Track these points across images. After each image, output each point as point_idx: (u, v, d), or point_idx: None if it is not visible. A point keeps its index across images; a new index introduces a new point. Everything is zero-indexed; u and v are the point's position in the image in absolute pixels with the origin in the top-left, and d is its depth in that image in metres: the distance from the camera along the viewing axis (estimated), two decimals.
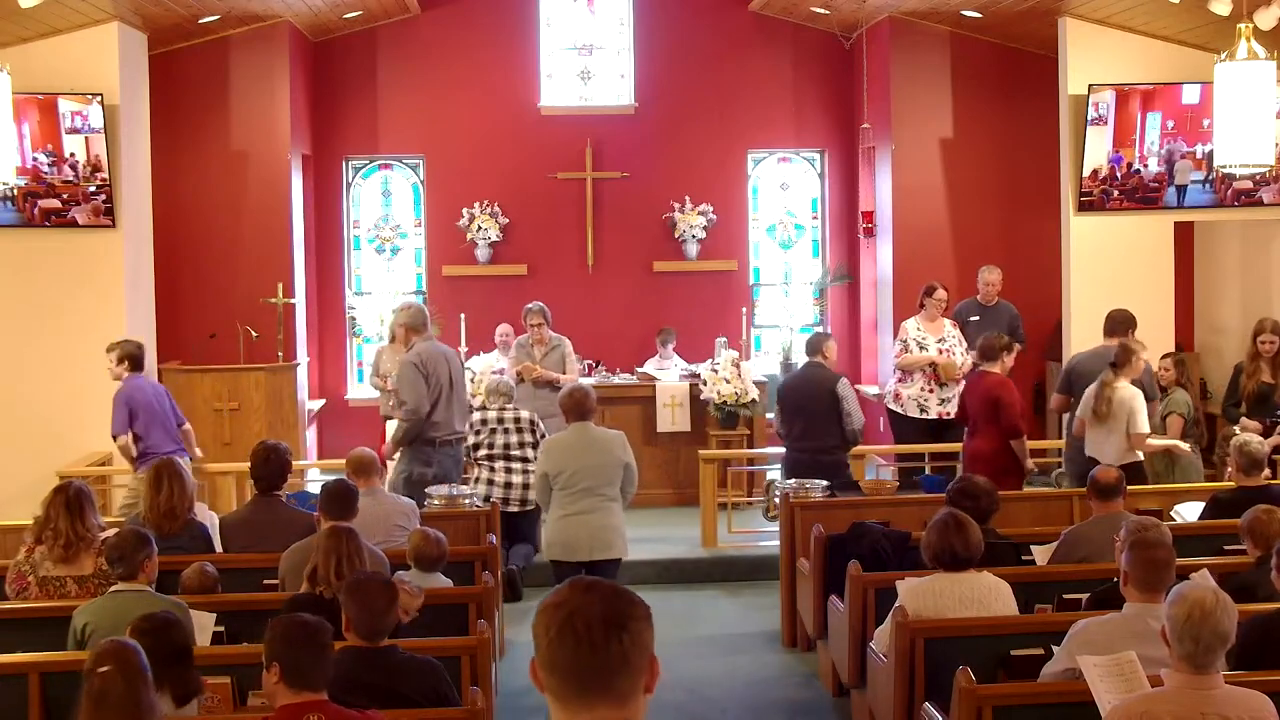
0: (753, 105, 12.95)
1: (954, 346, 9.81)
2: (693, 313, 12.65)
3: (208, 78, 11.68)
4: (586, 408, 7.04)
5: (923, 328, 9.84)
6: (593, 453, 6.99)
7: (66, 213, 9.91)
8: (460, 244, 12.73)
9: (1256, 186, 10.24)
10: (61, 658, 4.83)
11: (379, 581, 4.47)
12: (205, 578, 5.71)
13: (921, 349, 9.72)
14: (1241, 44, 7.83)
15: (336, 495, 5.97)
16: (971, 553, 5.25)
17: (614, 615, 2.13)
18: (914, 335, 9.80)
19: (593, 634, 2.11)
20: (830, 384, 8.33)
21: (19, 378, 9.95)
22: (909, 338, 9.82)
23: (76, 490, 5.76)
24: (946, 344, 9.78)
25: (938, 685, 4.94)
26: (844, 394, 8.29)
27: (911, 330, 9.84)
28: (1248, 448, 6.79)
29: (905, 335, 9.86)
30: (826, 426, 8.33)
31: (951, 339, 9.84)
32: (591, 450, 7.00)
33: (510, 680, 7.10)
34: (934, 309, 9.85)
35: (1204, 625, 3.56)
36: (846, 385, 8.41)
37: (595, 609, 2.14)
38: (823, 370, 8.46)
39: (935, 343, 9.75)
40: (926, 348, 9.72)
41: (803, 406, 8.38)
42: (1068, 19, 10.37)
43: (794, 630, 7.68)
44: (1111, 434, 7.96)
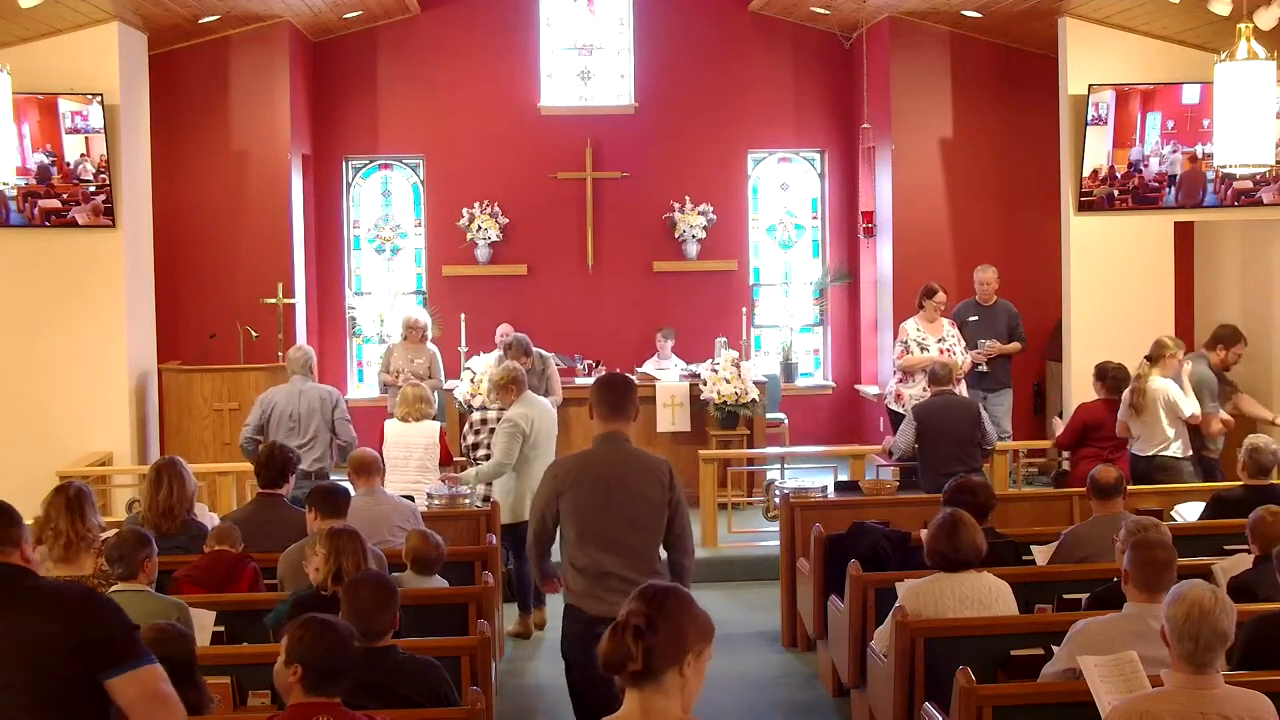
0: (753, 105, 12.95)
1: (954, 347, 9.80)
2: (693, 313, 12.65)
3: (208, 78, 11.68)
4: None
5: (922, 329, 9.84)
6: None
7: (66, 213, 9.91)
8: (460, 244, 12.73)
9: (1256, 186, 10.23)
10: None
11: (372, 583, 4.46)
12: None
13: (922, 350, 9.72)
14: (1241, 44, 7.83)
15: (329, 495, 5.98)
16: (972, 553, 5.25)
17: None
18: (914, 336, 9.80)
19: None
20: (973, 410, 8.44)
21: (19, 378, 9.94)
22: (909, 339, 9.81)
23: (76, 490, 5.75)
24: (946, 344, 9.77)
25: (938, 685, 4.94)
26: (983, 418, 8.43)
27: (911, 331, 9.83)
28: (1257, 452, 6.81)
29: (905, 336, 9.85)
30: (967, 449, 8.27)
31: (951, 339, 9.84)
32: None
33: (510, 680, 7.12)
34: (933, 310, 9.85)
35: (1203, 624, 3.56)
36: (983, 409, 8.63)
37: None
38: (960, 398, 8.65)
39: (935, 343, 9.75)
40: (927, 349, 9.71)
41: (949, 434, 8.24)
42: (1068, 19, 10.37)
43: (794, 630, 7.69)
44: (1147, 425, 8.19)
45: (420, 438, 8.54)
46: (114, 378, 10.05)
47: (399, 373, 10.12)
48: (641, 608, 2.73)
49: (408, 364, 10.21)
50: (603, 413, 5.19)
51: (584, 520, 5.03)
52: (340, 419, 8.60)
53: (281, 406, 8.46)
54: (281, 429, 8.38)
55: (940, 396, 8.37)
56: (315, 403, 8.50)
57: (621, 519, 5.01)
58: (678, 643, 2.71)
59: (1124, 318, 10.36)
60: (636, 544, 5.03)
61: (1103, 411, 8.40)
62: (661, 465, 5.18)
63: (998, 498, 6.30)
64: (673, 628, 2.71)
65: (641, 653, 2.68)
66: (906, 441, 8.29)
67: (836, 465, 10.11)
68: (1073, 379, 10.36)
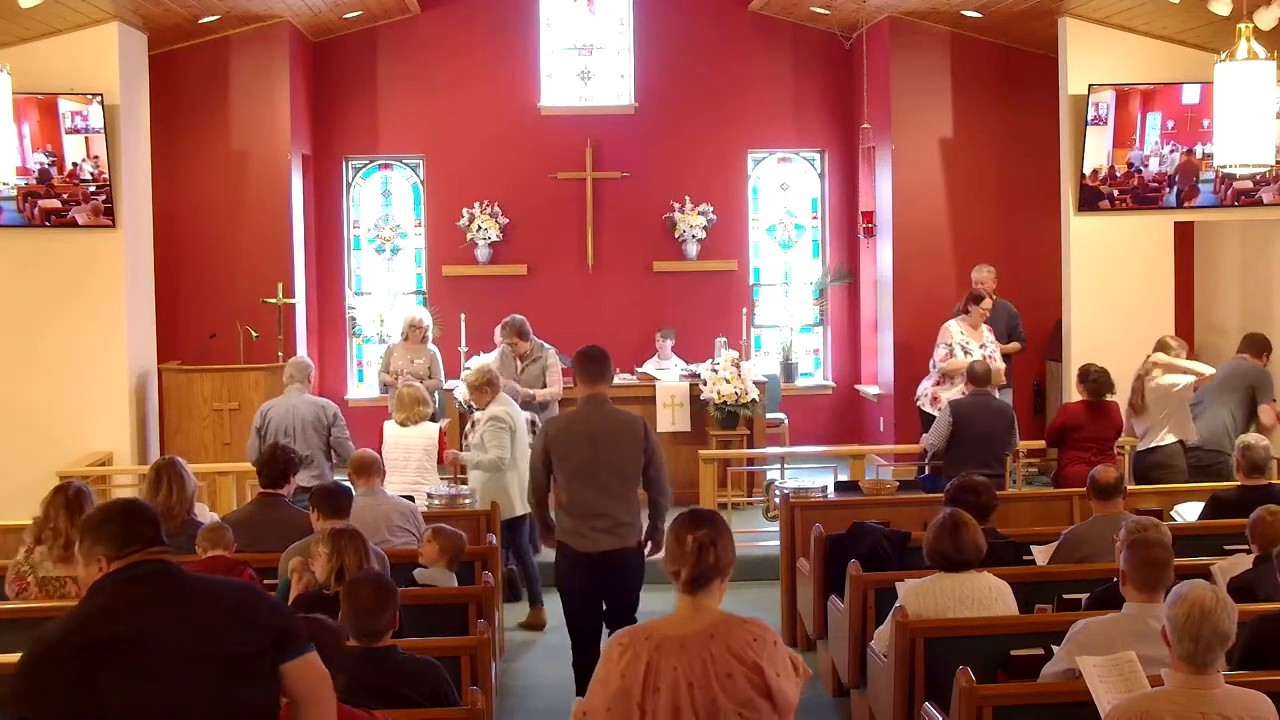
0: (753, 105, 12.96)
1: (994, 353, 9.75)
2: (693, 313, 12.65)
3: (208, 78, 11.68)
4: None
5: (966, 332, 9.74)
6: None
7: (66, 213, 9.91)
8: (460, 244, 12.73)
9: (1256, 186, 10.24)
10: None
11: (372, 582, 4.46)
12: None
13: (965, 353, 9.64)
14: (1241, 44, 7.83)
15: (331, 495, 5.99)
16: (972, 553, 5.25)
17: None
18: (958, 339, 9.70)
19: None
20: (1008, 414, 8.56)
21: (19, 378, 9.94)
22: (953, 341, 9.69)
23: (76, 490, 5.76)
24: (987, 350, 9.71)
25: (938, 685, 4.94)
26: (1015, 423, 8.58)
27: (955, 334, 9.71)
28: (1252, 451, 6.81)
29: (949, 339, 9.71)
30: (998, 453, 8.37)
31: (991, 345, 9.76)
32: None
33: (510, 680, 7.11)
34: (978, 316, 9.75)
35: (1203, 625, 3.56)
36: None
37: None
38: (999, 401, 8.68)
39: (978, 348, 9.67)
40: (970, 352, 9.63)
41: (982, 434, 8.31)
42: (1068, 19, 10.37)
43: (794, 630, 7.68)
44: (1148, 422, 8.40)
45: (419, 439, 8.55)
46: (114, 378, 10.05)
47: (399, 373, 10.11)
48: (706, 529, 3.53)
49: (408, 364, 10.20)
50: (585, 379, 6.07)
51: (573, 469, 5.96)
52: (339, 439, 8.41)
53: (278, 421, 8.40)
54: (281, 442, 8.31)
55: (978, 396, 8.38)
56: (310, 416, 8.37)
57: (605, 467, 5.94)
58: (726, 558, 3.56)
59: (1124, 318, 10.37)
60: (618, 489, 5.96)
61: (1082, 413, 8.41)
62: (638, 421, 6.09)
63: (998, 498, 6.30)
64: (725, 544, 3.56)
65: (724, 551, 3.54)
66: (940, 437, 8.33)
67: (836, 465, 10.11)
68: (1072, 379, 10.33)
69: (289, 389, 8.58)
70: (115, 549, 3.17)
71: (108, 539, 3.18)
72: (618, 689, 3.44)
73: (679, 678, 3.40)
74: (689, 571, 3.50)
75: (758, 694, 3.42)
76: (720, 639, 3.44)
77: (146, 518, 3.26)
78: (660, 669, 3.41)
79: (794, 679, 3.52)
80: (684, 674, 3.40)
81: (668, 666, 3.41)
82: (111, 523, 3.21)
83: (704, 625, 3.47)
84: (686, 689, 3.39)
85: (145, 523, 3.24)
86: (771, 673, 3.45)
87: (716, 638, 3.44)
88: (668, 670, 3.40)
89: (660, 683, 3.40)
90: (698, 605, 3.51)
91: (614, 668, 3.46)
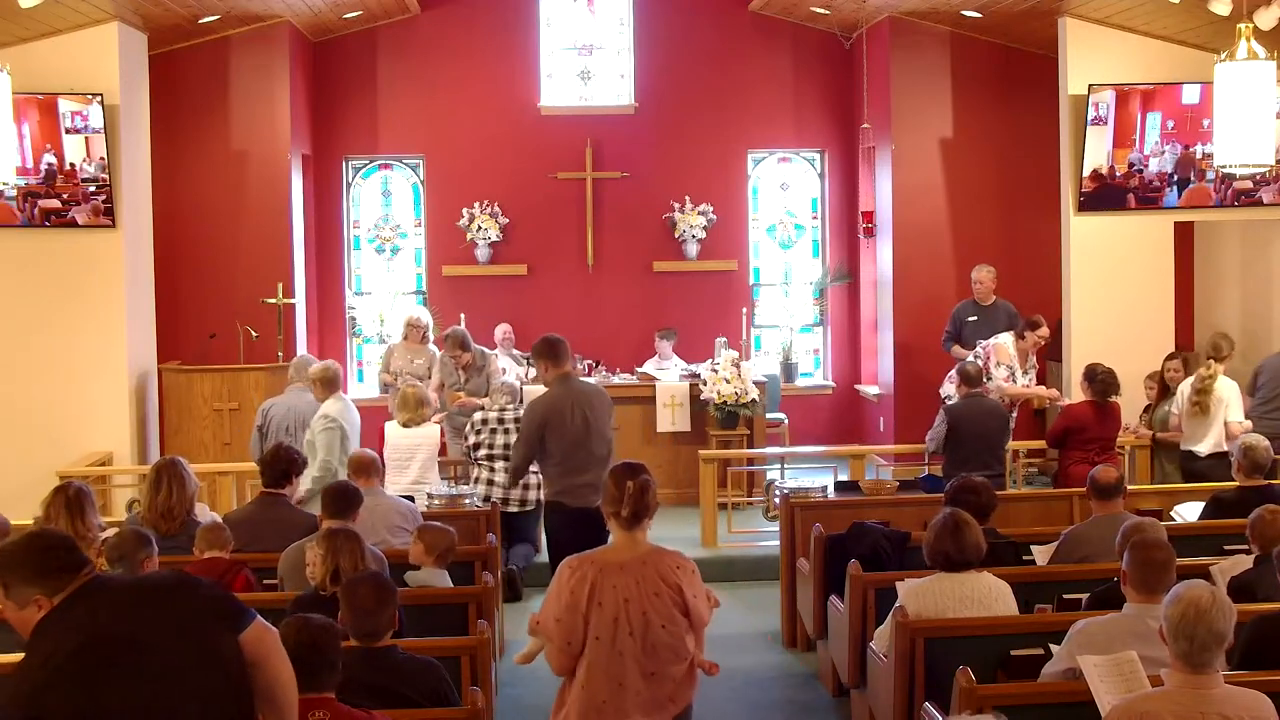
0: (753, 105, 12.95)
1: (1032, 381, 9.73)
2: (693, 313, 12.65)
3: (208, 78, 11.68)
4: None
5: (1016, 356, 9.60)
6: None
7: (66, 213, 9.91)
8: (460, 244, 12.73)
9: (1256, 186, 10.24)
10: None
11: (370, 582, 4.46)
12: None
13: (1013, 379, 9.53)
14: (1241, 44, 7.83)
15: (338, 495, 5.98)
16: (972, 554, 5.25)
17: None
18: (1015, 363, 9.55)
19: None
20: (1004, 414, 8.59)
21: (19, 378, 9.94)
22: (1014, 364, 9.54)
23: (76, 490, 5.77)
24: (1028, 378, 9.69)
25: (938, 685, 4.94)
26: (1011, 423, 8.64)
27: (1014, 357, 9.53)
28: (1253, 452, 6.80)
29: (1010, 360, 9.52)
30: (997, 453, 8.39)
31: (1032, 371, 9.70)
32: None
33: (510, 680, 7.11)
34: (1031, 344, 9.56)
35: (1199, 624, 3.56)
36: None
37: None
38: (992, 402, 8.66)
39: (1023, 377, 9.62)
40: (1016, 379, 9.55)
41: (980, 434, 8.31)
42: (1068, 19, 10.37)
43: (794, 630, 7.68)
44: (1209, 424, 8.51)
45: (422, 439, 8.55)
46: (114, 378, 10.05)
47: (399, 373, 10.12)
48: (643, 476, 4.32)
49: (408, 364, 10.21)
50: (554, 363, 6.91)
51: (566, 437, 6.78)
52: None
53: (278, 419, 8.39)
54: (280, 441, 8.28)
55: (972, 398, 8.39)
56: (309, 416, 8.30)
57: (594, 434, 6.84)
58: (655, 501, 4.35)
59: (1124, 318, 10.38)
60: (603, 452, 6.83)
61: (1088, 414, 8.41)
62: (604, 391, 7.19)
63: (998, 498, 6.30)
64: (654, 490, 4.36)
65: (650, 497, 4.30)
66: (937, 442, 8.35)
67: (836, 465, 10.10)
68: (1073, 379, 10.34)
69: (290, 388, 8.58)
70: (50, 586, 3.12)
71: (40, 578, 3.12)
72: (567, 603, 4.19)
73: (618, 595, 4.19)
74: (629, 510, 4.27)
75: (678, 610, 4.25)
76: (651, 565, 4.25)
77: (65, 544, 3.24)
78: (603, 587, 4.19)
79: (706, 602, 4.37)
80: (621, 592, 4.19)
81: (609, 586, 4.19)
82: (36, 560, 3.15)
83: (639, 554, 4.27)
84: (624, 604, 4.19)
85: (65, 550, 3.21)
86: (690, 594, 4.28)
87: (648, 564, 4.25)
88: (609, 589, 4.19)
89: (603, 598, 4.18)
90: (633, 539, 4.30)
91: (565, 585, 4.22)
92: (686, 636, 4.30)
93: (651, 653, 4.22)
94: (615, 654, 4.19)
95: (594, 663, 4.19)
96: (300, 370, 8.65)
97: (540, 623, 4.28)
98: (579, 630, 4.18)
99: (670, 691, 4.30)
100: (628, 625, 4.18)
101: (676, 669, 4.30)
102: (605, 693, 4.20)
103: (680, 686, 4.34)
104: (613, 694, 4.20)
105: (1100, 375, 8.41)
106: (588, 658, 4.20)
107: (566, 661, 4.23)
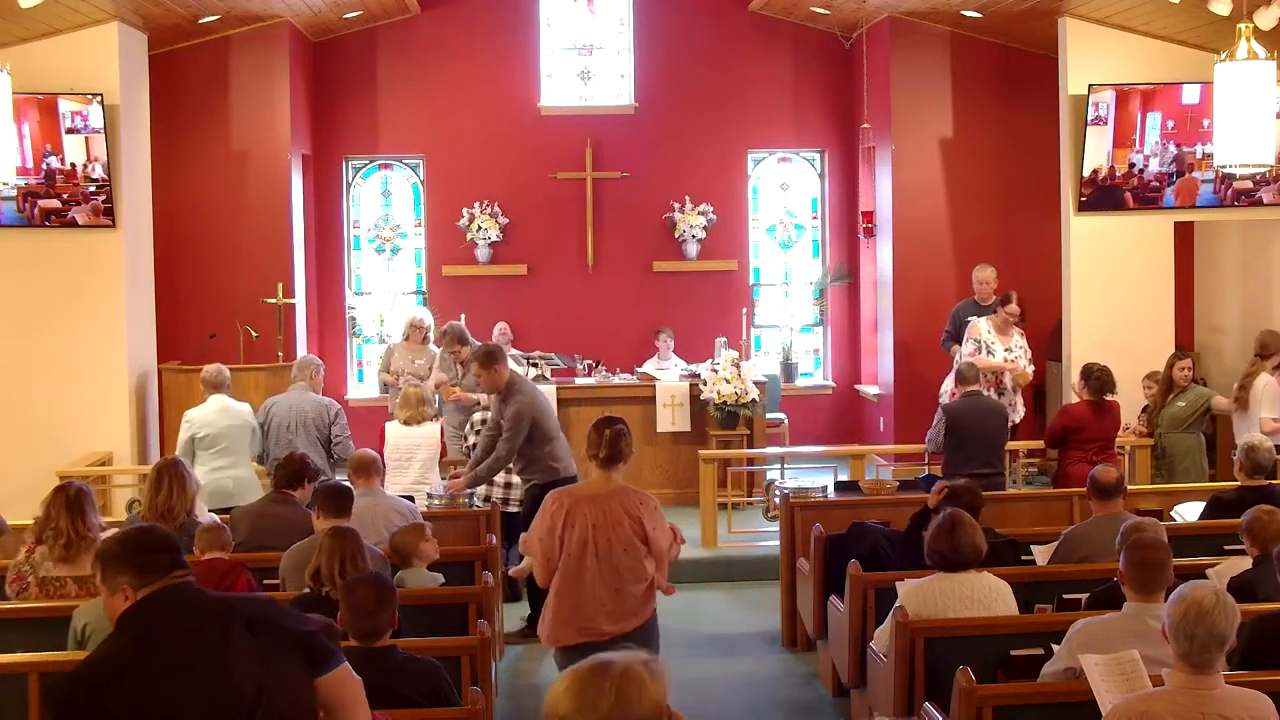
0: (753, 105, 12.95)
1: (1019, 358, 9.73)
2: (693, 313, 12.65)
3: (208, 78, 11.68)
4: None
5: (993, 331, 9.72)
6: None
7: (66, 213, 9.91)
8: (460, 244, 12.73)
9: (1256, 186, 10.24)
10: (61, 658, 4.82)
11: (370, 582, 4.46)
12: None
13: (989, 353, 9.62)
14: (1241, 44, 7.82)
15: (331, 494, 6.00)
16: (972, 553, 5.25)
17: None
18: (985, 338, 9.68)
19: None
20: (1003, 412, 8.64)
21: (19, 378, 9.94)
22: (981, 338, 9.66)
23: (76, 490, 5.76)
24: (1012, 354, 9.69)
25: (938, 685, 4.94)
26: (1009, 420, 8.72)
27: (983, 332, 9.68)
28: (1256, 453, 6.81)
29: (978, 335, 9.69)
30: (997, 452, 8.39)
31: (1018, 350, 9.71)
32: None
33: (510, 680, 7.11)
34: (1003, 319, 9.68)
35: (1199, 625, 3.57)
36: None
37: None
38: (991, 400, 8.69)
39: (1003, 351, 9.64)
40: (994, 353, 9.61)
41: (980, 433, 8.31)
42: (1068, 19, 10.37)
43: (794, 630, 7.68)
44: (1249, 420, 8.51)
45: (423, 438, 8.55)
46: (114, 378, 10.05)
47: (400, 373, 10.12)
48: (619, 426, 5.26)
49: (409, 365, 10.21)
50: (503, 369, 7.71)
51: (553, 424, 7.78)
52: (339, 438, 8.41)
53: (280, 418, 8.40)
54: (280, 441, 8.31)
55: (970, 397, 8.39)
56: (312, 414, 8.38)
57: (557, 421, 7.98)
58: (629, 449, 5.26)
59: (1124, 318, 10.37)
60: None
61: (1086, 413, 8.41)
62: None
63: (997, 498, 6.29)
64: (629, 439, 5.28)
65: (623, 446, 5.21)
66: (936, 442, 8.34)
67: (836, 465, 10.11)
68: (1073, 379, 10.35)
69: (293, 387, 8.60)
70: (139, 578, 3.22)
71: (130, 569, 3.23)
72: (548, 526, 5.14)
73: (587, 521, 5.10)
74: (605, 453, 5.19)
75: (638, 539, 5.11)
76: (618, 499, 5.14)
77: (166, 544, 3.31)
78: (575, 514, 5.11)
79: (666, 534, 5.20)
80: (590, 519, 5.10)
81: (580, 513, 5.11)
82: (132, 553, 3.25)
83: (610, 490, 5.17)
84: (591, 529, 5.09)
85: (164, 549, 3.28)
86: (650, 525, 5.13)
87: (615, 498, 5.14)
88: (580, 515, 5.11)
89: (575, 523, 5.09)
90: (607, 477, 5.21)
91: (548, 512, 5.19)
92: (646, 561, 5.13)
93: (614, 572, 5.08)
94: (583, 569, 5.07)
95: (565, 575, 5.11)
96: (303, 370, 8.69)
97: (527, 541, 5.30)
98: (555, 549, 5.10)
99: (632, 607, 5.12)
100: (594, 547, 5.08)
101: (636, 588, 5.13)
102: (574, 601, 5.10)
103: (641, 602, 5.16)
104: (581, 603, 5.09)
105: (1096, 373, 8.42)
106: (561, 571, 5.11)
107: (547, 574, 5.15)
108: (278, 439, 8.31)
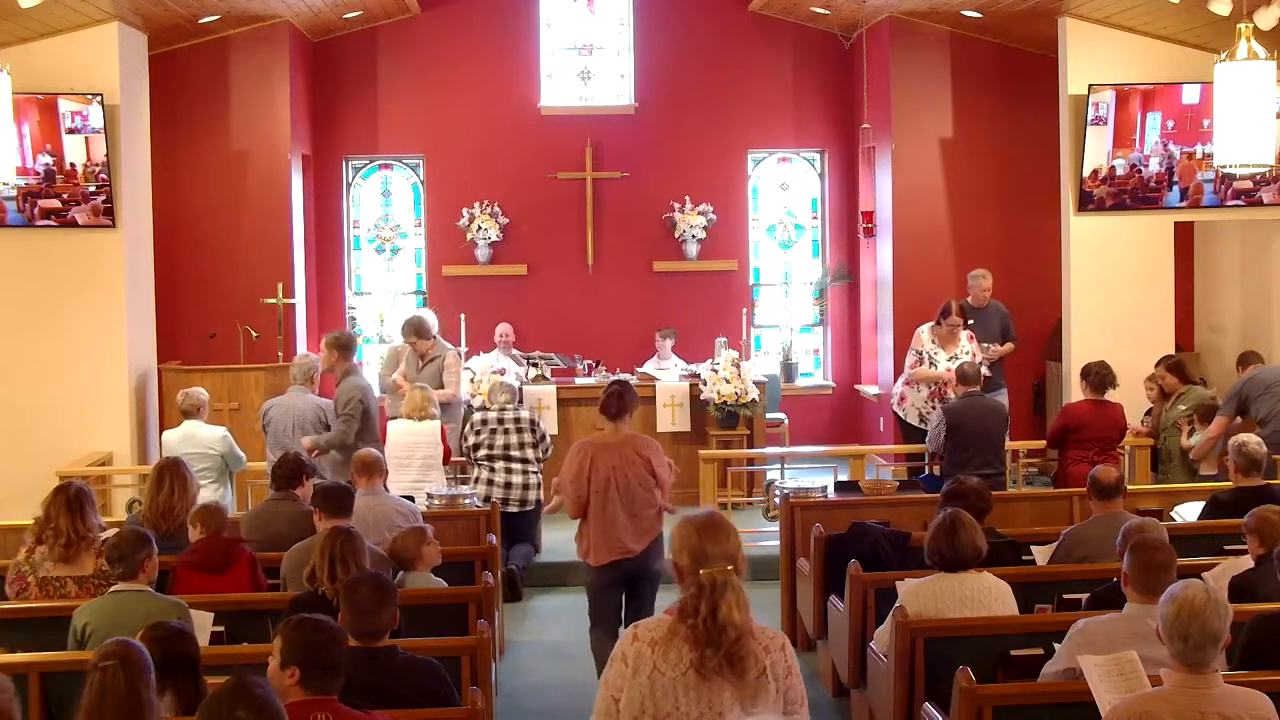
0: (753, 105, 12.95)
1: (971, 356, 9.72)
2: (693, 313, 12.65)
3: (208, 78, 11.68)
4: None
5: (936, 341, 9.71)
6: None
7: (66, 213, 9.91)
8: (460, 244, 12.73)
9: (1256, 186, 10.23)
10: (61, 658, 4.82)
11: (370, 582, 4.46)
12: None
13: (930, 363, 9.64)
14: (1241, 44, 7.82)
15: (330, 494, 6.00)
16: (972, 554, 5.24)
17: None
18: (927, 348, 9.68)
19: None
20: (1003, 411, 8.74)
21: (19, 378, 9.94)
22: (923, 349, 9.68)
23: (76, 490, 5.76)
24: (959, 361, 9.69)
25: (938, 685, 4.94)
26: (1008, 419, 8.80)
27: (925, 342, 9.70)
28: (1246, 449, 6.79)
29: (920, 346, 9.71)
30: (998, 451, 8.40)
31: (965, 356, 9.71)
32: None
33: (510, 680, 7.11)
34: (946, 330, 9.66)
35: (1193, 624, 3.57)
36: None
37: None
38: (990, 399, 8.68)
39: (946, 360, 9.64)
40: (936, 363, 9.63)
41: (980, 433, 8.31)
42: (1068, 19, 10.37)
43: (794, 630, 7.67)
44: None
45: (423, 437, 8.56)
46: (114, 378, 10.05)
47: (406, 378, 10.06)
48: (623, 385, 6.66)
49: (414, 372, 10.16)
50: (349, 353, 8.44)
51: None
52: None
53: (278, 419, 8.40)
54: (279, 444, 8.29)
55: (970, 397, 8.38)
56: (310, 416, 8.36)
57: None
58: (635, 404, 6.58)
59: (1124, 318, 10.37)
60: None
61: (1087, 412, 8.40)
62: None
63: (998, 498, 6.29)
64: (632, 395, 6.60)
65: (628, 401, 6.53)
66: (937, 443, 8.36)
67: (836, 465, 10.11)
68: (1072, 379, 10.34)
69: (291, 389, 8.59)
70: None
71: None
72: (575, 471, 6.43)
73: (608, 463, 6.41)
74: (615, 408, 6.48)
75: (648, 473, 6.43)
76: (629, 445, 6.48)
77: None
78: (597, 459, 6.42)
79: (668, 468, 6.53)
80: (610, 460, 6.41)
81: (601, 459, 6.42)
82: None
83: (621, 439, 6.49)
84: (611, 470, 6.39)
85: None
86: (656, 463, 6.47)
87: (627, 444, 6.47)
88: (602, 459, 6.42)
89: (599, 465, 6.40)
90: (617, 428, 6.50)
91: (573, 459, 6.47)
92: (655, 490, 6.46)
93: (631, 501, 6.40)
94: (610, 501, 6.38)
95: (595, 508, 6.41)
96: (301, 370, 8.67)
97: (560, 484, 6.64)
98: (584, 488, 6.40)
99: (647, 526, 6.46)
100: (615, 484, 6.38)
101: (649, 511, 6.47)
102: (606, 527, 6.39)
103: (653, 522, 6.49)
104: (610, 525, 6.39)
105: (1095, 370, 8.42)
106: (593, 505, 6.41)
107: (578, 509, 6.46)
108: (277, 442, 8.30)
